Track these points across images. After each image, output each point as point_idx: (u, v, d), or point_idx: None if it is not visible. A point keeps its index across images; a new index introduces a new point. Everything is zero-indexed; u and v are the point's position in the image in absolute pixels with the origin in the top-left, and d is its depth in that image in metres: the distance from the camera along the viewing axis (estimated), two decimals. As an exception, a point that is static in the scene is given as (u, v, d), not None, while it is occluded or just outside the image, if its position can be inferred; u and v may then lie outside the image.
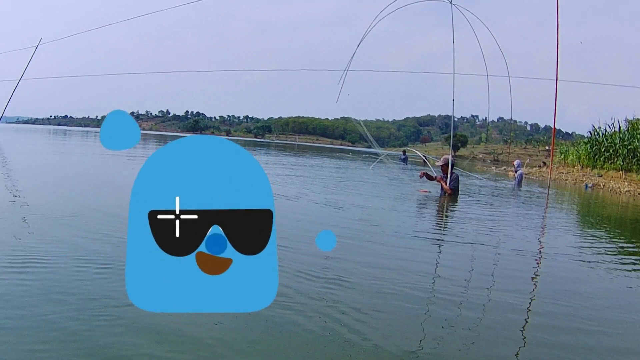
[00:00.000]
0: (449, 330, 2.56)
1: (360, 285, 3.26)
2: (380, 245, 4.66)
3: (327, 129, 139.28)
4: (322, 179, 12.48)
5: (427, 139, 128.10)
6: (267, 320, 2.50)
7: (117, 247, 3.68)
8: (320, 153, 39.15)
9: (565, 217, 8.77)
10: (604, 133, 24.94)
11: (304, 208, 6.82)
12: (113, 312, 2.46)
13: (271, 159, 21.58)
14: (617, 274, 4.24)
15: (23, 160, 12.70)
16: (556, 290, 3.50)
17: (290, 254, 3.84)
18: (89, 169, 11.44)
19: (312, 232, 5.00)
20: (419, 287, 3.31)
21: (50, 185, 7.61)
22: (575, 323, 2.83)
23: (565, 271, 4.19)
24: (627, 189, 17.31)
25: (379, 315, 2.74)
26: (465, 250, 4.76)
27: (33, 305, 2.48)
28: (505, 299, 3.18)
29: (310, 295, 2.95)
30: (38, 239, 3.85)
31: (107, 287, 2.82)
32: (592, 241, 6.00)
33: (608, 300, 3.39)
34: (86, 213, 5.10)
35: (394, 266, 3.87)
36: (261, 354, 2.20)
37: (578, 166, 25.99)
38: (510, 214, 8.04)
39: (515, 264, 4.33)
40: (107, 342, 2.15)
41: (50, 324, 2.27)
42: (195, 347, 2.18)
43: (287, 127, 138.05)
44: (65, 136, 38.65)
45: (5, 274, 2.94)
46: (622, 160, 21.89)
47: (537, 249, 5.27)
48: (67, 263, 3.22)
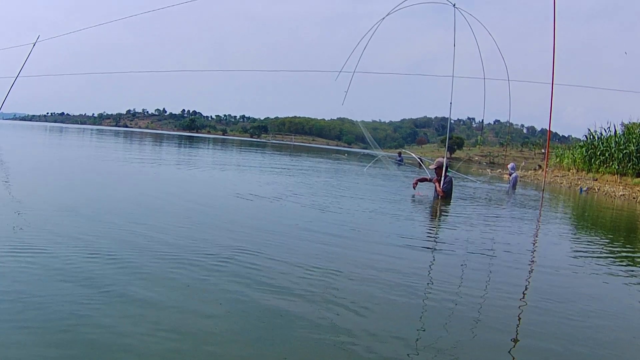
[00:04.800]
0: (441, 339, 2.53)
1: (352, 290, 3.24)
2: (369, 253, 4.47)
3: (324, 129, 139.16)
4: (312, 185, 12.43)
5: (424, 141, 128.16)
6: (264, 313, 2.47)
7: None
8: (316, 154, 39.08)
9: (558, 221, 8.76)
10: (600, 137, 24.97)
11: (289, 210, 6.78)
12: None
13: (266, 159, 21.55)
14: (610, 279, 4.23)
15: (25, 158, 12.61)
16: (548, 297, 3.47)
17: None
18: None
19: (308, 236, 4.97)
20: (411, 292, 3.27)
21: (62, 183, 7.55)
22: (567, 330, 2.79)
23: (557, 277, 4.17)
24: (622, 192, 17.34)
25: (374, 317, 2.71)
26: (456, 255, 4.72)
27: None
28: (497, 304, 3.15)
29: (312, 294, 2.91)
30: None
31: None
32: (584, 246, 6.00)
33: (600, 305, 3.37)
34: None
35: (387, 270, 3.83)
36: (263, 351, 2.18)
37: (573, 169, 26.03)
38: (502, 218, 8.02)
39: (507, 270, 4.30)
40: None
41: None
42: (192, 339, 2.18)
43: (284, 127, 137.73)
44: (62, 133, 38.53)
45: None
46: (617, 164, 21.92)
47: (528, 255, 5.22)
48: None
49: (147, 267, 3.29)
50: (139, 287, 2.86)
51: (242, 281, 3.14)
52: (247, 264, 3.55)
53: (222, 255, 3.76)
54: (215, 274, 3.28)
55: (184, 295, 2.81)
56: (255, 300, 2.81)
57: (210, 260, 3.61)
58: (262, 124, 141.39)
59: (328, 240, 4.71)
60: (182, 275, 3.19)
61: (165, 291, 2.84)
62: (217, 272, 3.31)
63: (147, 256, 3.57)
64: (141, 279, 3.03)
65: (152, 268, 3.28)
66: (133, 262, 3.39)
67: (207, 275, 3.24)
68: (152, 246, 3.87)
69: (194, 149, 28.01)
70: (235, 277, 3.22)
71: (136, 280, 2.99)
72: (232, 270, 3.38)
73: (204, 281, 3.11)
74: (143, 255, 3.57)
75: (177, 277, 3.13)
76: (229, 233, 4.70)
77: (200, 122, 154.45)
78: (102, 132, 53.35)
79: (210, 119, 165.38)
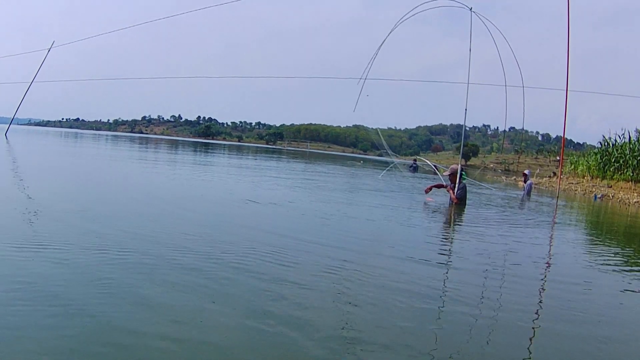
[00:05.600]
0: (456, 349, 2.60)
1: (363, 298, 3.56)
2: (379, 264, 4.44)
3: (339, 136, 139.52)
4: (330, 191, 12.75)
5: (439, 148, 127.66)
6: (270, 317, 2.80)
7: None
8: (332, 161, 39.20)
9: (572, 229, 8.80)
10: (614, 144, 24.98)
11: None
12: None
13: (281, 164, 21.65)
14: (624, 287, 4.32)
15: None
16: (563, 307, 3.52)
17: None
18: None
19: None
20: (424, 300, 3.39)
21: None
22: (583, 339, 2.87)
23: (570, 293, 3.99)
24: (637, 199, 17.42)
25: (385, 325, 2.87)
26: (469, 261, 4.84)
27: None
28: (510, 318, 3.20)
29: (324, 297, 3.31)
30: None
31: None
32: (598, 257, 5.92)
33: (616, 327, 3.29)
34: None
35: (398, 281, 3.88)
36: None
37: (588, 177, 26.03)
38: (516, 226, 7.97)
39: (518, 283, 4.17)
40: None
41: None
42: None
43: (299, 134, 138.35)
44: (77, 139, 38.48)
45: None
46: (632, 171, 21.94)
47: (542, 266, 5.04)
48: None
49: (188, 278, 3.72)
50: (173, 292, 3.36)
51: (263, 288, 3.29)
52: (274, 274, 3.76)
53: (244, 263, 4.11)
54: (228, 279, 3.42)
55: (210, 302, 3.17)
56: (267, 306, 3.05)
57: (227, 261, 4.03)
58: (277, 130, 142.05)
59: (335, 251, 4.67)
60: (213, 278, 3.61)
61: (190, 298, 3.01)
62: (229, 279, 3.46)
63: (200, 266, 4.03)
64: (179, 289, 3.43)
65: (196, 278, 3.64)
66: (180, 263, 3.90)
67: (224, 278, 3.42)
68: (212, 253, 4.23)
69: (216, 156, 28.25)
70: (259, 288, 3.29)
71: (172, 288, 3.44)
72: (252, 277, 3.55)
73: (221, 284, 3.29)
74: (197, 267, 4.05)
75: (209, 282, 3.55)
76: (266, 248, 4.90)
77: (216, 128, 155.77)
78: (118, 139, 52.54)
79: (226, 125, 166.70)
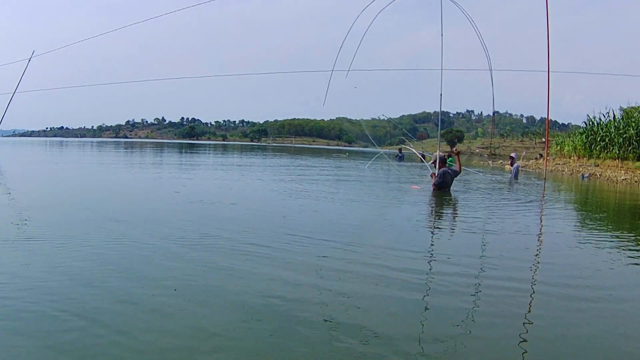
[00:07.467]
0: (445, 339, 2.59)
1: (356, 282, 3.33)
2: (371, 254, 4.40)
3: (323, 130, 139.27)
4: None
5: (424, 136, 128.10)
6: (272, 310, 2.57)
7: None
8: (317, 154, 39.17)
9: (560, 210, 8.73)
10: (599, 122, 24.95)
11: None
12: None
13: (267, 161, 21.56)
14: (616, 260, 4.31)
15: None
16: (557, 281, 3.54)
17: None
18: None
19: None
20: (412, 290, 3.37)
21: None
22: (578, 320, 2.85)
23: (564, 271, 4.02)
24: (624, 177, 17.36)
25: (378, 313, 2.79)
26: (462, 240, 4.78)
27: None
28: (503, 295, 3.21)
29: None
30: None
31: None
32: (588, 235, 5.97)
33: (607, 290, 3.42)
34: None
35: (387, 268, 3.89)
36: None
37: (574, 157, 26.00)
38: (505, 208, 8.02)
39: (508, 264, 4.26)
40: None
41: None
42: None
43: (284, 129, 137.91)
44: (62, 147, 38.51)
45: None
46: (617, 149, 21.90)
47: (532, 252, 5.01)
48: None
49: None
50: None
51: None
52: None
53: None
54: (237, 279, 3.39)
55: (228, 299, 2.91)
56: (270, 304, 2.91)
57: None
58: (261, 127, 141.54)
59: (327, 243, 4.66)
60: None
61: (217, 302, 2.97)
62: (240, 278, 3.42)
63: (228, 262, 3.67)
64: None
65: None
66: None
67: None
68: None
69: (201, 156, 28.06)
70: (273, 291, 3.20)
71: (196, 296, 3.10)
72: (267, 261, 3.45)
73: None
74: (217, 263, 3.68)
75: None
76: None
77: (200, 129, 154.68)
78: (103, 145, 52.85)
79: (210, 125, 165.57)
